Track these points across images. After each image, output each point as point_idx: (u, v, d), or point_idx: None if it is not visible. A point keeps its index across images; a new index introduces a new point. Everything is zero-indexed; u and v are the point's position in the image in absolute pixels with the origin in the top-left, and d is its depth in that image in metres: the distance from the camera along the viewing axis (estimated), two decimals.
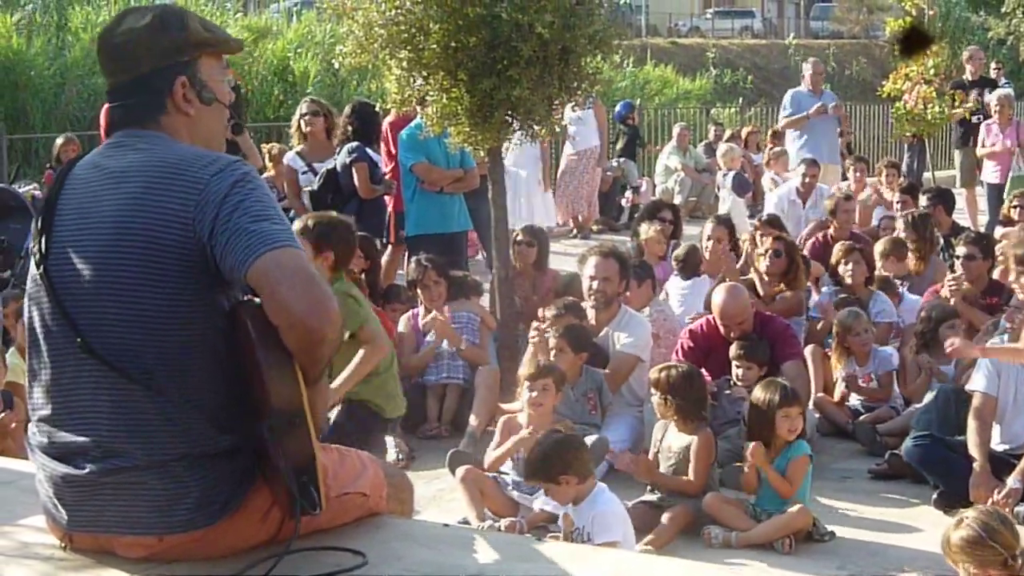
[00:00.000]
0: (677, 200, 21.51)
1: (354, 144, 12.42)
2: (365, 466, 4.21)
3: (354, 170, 12.29)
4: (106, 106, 4.15)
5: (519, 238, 11.71)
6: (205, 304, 3.74)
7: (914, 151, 21.56)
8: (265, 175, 17.63)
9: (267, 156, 17.84)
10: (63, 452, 3.80)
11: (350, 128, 12.64)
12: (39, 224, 3.90)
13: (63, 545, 3.92)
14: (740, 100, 25.55)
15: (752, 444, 7.64)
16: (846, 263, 11.20)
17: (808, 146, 18.08)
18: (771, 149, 20.07)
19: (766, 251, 11.08)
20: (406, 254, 12.51)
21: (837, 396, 9.91)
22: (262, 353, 3.62)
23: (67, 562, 3.83)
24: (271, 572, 3.61)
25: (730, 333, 9.31)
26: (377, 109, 13.07)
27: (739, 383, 9.02)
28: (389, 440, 9.33)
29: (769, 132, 21.88)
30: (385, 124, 13.39)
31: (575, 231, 19.61)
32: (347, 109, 13.07)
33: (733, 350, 9.16)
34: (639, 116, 25.49)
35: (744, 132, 24.52)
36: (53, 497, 3.87)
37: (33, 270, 3.91)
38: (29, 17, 24.41)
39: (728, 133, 24.46)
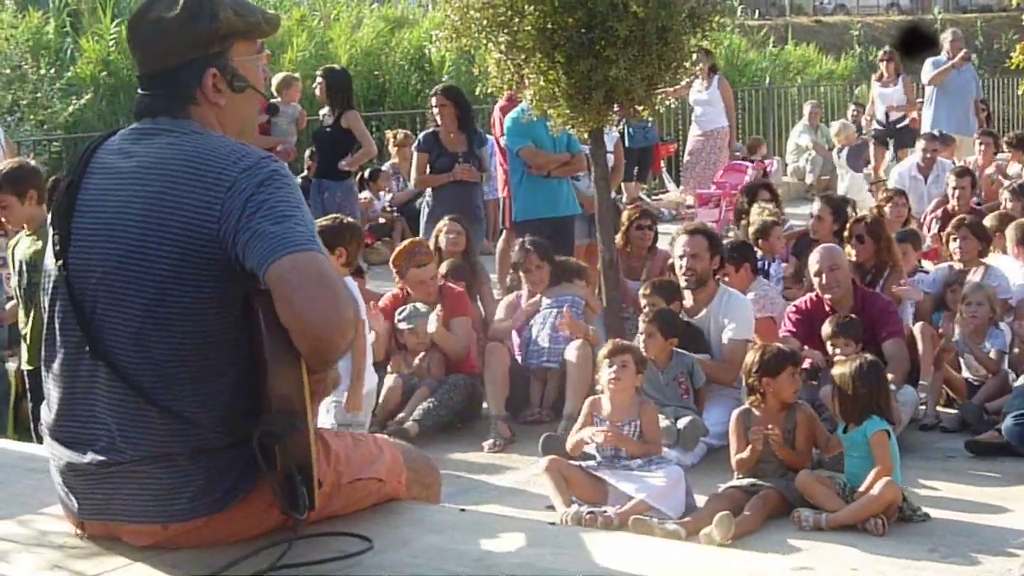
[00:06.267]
0: (808, 179, 21.31)
1: (427, 131, 12.50)
2: (381, 451, 4.12)
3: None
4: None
5: (639, 221, 11.63)
6: (226, 301, 3.65)
7: None
8: (388, 162, 17.80)
9: (391, 142, 18.03)
10: (71, 441, 3.79)
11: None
12: (59, 211, 3.81)
13: (78, 533, 3.93)
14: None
15: None
16: (955, 239, 10.95)
17: (940, 114, 17.77)
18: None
19: (848, 237, 10.59)
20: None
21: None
22: (269, 350, 3.56)
23: (77, 550, 3.84)
24: (279, 562, 3.57)
25: (831, 305, 9.23)
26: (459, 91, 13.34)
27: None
28: (491, 424, 9.36)
29: None
30: (496, 109, 13.40)
31: None
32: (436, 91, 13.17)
33: (826, 329, 8.97)
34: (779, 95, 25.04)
35: None
36: (63, 485, 3.87)
37: (50, 262, 3.83)
38: None
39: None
